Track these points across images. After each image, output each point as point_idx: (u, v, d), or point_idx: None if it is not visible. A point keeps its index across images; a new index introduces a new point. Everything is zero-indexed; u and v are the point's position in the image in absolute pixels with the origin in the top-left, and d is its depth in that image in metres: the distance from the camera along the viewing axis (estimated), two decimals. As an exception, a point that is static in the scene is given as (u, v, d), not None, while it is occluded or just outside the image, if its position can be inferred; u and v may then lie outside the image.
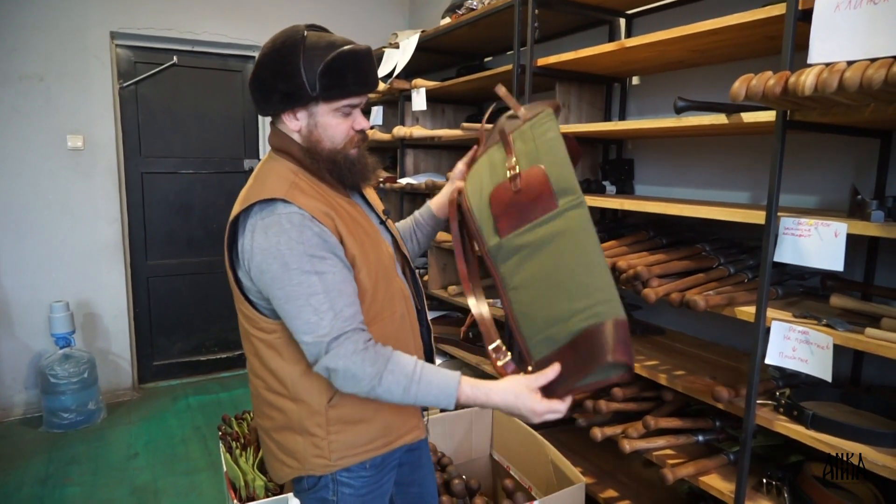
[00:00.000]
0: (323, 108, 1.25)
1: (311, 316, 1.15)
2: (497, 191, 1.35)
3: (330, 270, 1.18)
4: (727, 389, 1.65)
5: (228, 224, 1.25)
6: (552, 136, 1.33)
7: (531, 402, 1.19)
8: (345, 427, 1.29)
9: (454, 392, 1.20)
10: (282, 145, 1.30)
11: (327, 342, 1.16)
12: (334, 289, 1.17)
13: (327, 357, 1.16)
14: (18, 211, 3.63)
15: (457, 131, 3.02)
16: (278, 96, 1.22)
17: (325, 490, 1.32)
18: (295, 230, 1.17)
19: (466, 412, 2.34)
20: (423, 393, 1.19)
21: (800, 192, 2.00)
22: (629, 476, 2.28)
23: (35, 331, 3.74)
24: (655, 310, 2.51)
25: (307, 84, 1.19)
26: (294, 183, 1.24)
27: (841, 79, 1.18)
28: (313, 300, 1.15)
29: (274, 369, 1.29)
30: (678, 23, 1.82)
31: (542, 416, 1.20)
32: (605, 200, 2.15)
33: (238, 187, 1.29)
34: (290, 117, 1.27)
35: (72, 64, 3.66)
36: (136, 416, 3.77)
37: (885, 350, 1.31)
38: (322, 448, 1.28)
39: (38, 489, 2.89)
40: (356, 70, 1.23)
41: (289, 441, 1.31)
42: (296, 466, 1.31)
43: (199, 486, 2.93)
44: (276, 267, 1.16)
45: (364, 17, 4.49)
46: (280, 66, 1.20)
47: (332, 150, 1.28)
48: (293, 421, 1.29)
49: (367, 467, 1.33)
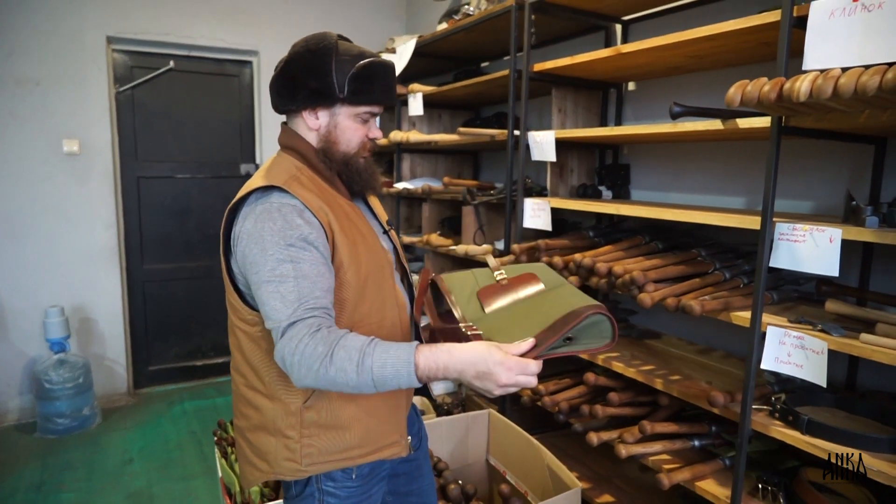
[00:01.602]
0: (345, 111, 1.30)
1: (277, 303, 1.14)
2: (485, 288, 1.39)
3: (306, 260, 1.17)
4: (723, 394, 1.65)
5: (226, 212, 1.27)
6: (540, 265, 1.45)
7: (502, 356, 1.08)
8: (319, 431, 1.27)
9: (411, 357, 1.08)
10: (290, 142, 1.34)
11: (284, 327, 1.13)
12: (306, 279, 1.15)
13: (280, 342, 1.13)
14: (14, 215, 3.62)
15: (454, 136, 3.02)
16: (307, 92, 1.27)
17: (311, 499, 1.31)
18: (282, 218, 1.18)
19: (463, 417, 2.33)
20: (379, 365, 1.08)
21: (795, 197, 2.01)
22: (625, 481, 2.28)
23: (30, 336, 3.73)
24: (651, 315, 2.51)
25: (336, 85, 1.25)
26: (294, 176, 1.26)
27: (835, 85, 1.19)
28: (282, 287, 1.14)
29: (254, 364, 1.29)
30: (674, 29, 1.83)
31: (514, 374, 1.07)
32: (601, 205, 2.15)
33: (234, 192, 1.29)
34: (310, 115, 1.30)
35: (68, 68, 3.66)
36: (131, 421, 3.75)
37: (879, 355, 1.32)
38: (294, 451, 1.27)
39: (32, 495, 2.87)
40: (383, 81, 1.30)
41: (261, 441, 1.30)
42: (265, 469, 1.30)
43: (195, 492, 2.92)
44: (256, 251, 1.17)
45: (361, 22, 4.50)
46: (313, 64, 1.25)
47: (346, 153, 1.32)
48: (268, 420, 1.29)
49: (353, 477, 1.32)
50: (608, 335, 1.20)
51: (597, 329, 1.20)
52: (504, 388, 1.08)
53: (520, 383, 1.08)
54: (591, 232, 2.36)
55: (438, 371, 1.09)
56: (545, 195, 2.57)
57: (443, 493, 2.07)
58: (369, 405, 1.31)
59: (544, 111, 3.09)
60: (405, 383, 1.09)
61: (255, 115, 4.36)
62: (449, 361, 1.10)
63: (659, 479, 1.74)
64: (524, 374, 1.08)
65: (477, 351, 1.09)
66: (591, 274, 2.02)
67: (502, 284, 1.36)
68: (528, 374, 1.09)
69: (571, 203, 2.30)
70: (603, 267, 1.94)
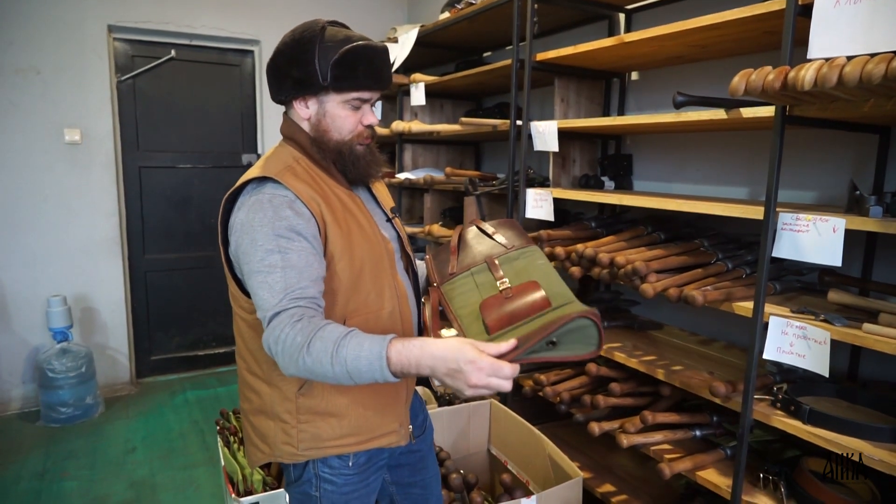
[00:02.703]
0: (333, 99, 1.28)
1: (265, 292, 1.14)
2: (488, 300, 1.33)
3: (295, 250, 1.17)
4: (724, 384, 1.65)
5: (223, 201, 1.27)
6: (542, 263, 1.37)
7: (474, 354, 1.01)
8: (314, 418, 1.29)
9: (383, 351, 1.05)
10: (289, 132, 1.34)
11: (269, 316, 1.13)
12: (293, 269, 1.15)
13: (266, 332, 1.13)
14: (15, 205, 3.62)
15: (456, 126, 3.01)
16: (290, 82, 1.27)
17: (308, 485, 1.33)
18: (272, 210, 1.18)
19: (464, 407, 2.34)
20: (353, 357, 1.05)
21: (798, 187, 2.00)
22: (627, 471, 2.29)
23: (32, 325, 3.74)
24: (653, 305, 2.51)
25: (319, 73, 1.23)
26: (290, 166, 1.26)
27: (840, 74, 1.18)
28: (270, 278, 1.15)
29: (253, 350, 1.32)
30: (677, 18, 1.82)
31: (485, 376, 1.00)
32: (604, 196, 2.15)
33: (236, 182, 1.29)
34: (300, 105, 1.30)
35: (69, 57, 3.65)
36: (133, 410, 3.77)
37: (882, 345, 1.31)
38: (291, 436, 1.29)
39: (35, 483, 2.89)
40: (368, 65, 1.26)
41: (262, 425, 1.33)
42: (266, 451, 1.33)
43: (197, 481, 2.93)
44: (247, 242, 1.18)
45: (363, 12, 4.48)
46: (295, 54, 1.24)
47: (339, 141, 1.30)
48: (267, 405, 1.31)
49: (349, 465, 1.33)
50: (594, 343, 1.13)
51: (582, 334, 1.13)
52: (475, 388, 1.02)
53: (491, 385, 1.01)
54: (593, 222, 2.36)
55: (411, 366, 1.05)
56: (547, 185, 2.56)
57: (444, 483, 2.08)
58: (366, 393, 1.31)
59: (547, 101, 3.08)
60: (380, 377, 1.06)
61: (256, 104, 4.35)
62: (421, 357, 1.04)
63: (660, 469, 1.75)
64: (496, 377, 1.01)
65: (449, 347, 1.04)
66: (593, 264, 2.02)
67: (507, 296, 1.33)
68: (502, 376, 1.01)
69: (574, 193, 2.29)
70: (605, 257, 1.94)
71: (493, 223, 1.54)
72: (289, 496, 1.40)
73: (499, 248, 1.45)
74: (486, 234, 1.49)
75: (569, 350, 1.12)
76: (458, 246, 1.50)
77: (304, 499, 1.34)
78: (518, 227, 1.51)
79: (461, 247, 1.50)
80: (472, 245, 1.50)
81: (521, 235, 1.47)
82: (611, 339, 2.20)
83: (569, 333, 1.12)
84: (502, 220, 1.55)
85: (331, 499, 1.33)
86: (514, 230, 1.50)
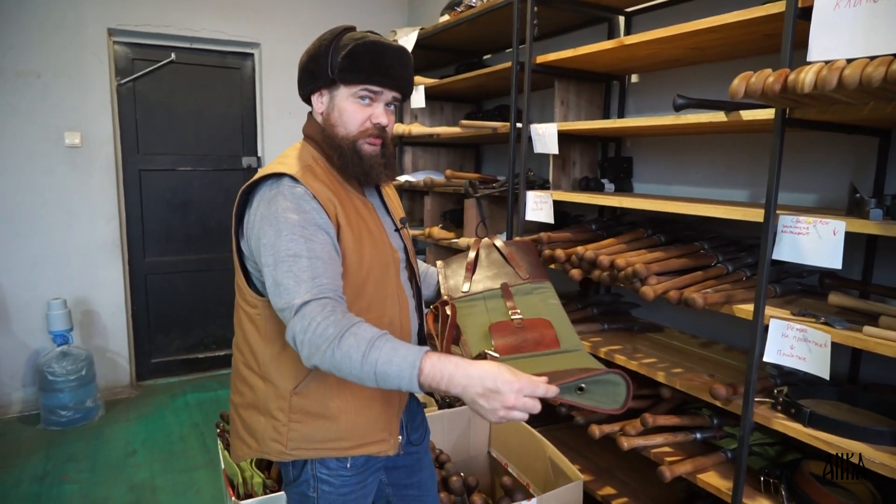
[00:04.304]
0: (342, 92, 1.30)
1: (290, 282, 1.14)
2: (499, 324, 1.36)
3: (319, 241, 1.18)
4: (725, 387, 1.65)
5: (240, 194, 1.28)
6: (554, 303, 1.43)
7: (512, 376, 1.03)
8: (305, 418, 1.29)
9: (417, 361, 1.05)
10: (308, 130, 1.38)
11: (297, 305, 1.12)
12: (319, 259, 1.17)
13: (293, 321, 1.12)
14: (16, 208, 3.62)
15: (456, 129, 3.01)
16: (307, 76, 1.32)
17: (306, 486, 1.33)
18: (294, 203, 1.20)
19: (464, 409, 2.34)
20: (385, 360, 1.06)
21: (798, 190, 2.00)
22: (627, 473, 2.29)
23: (33, 328, 3.73)
24: (654, 307, 2.51)
25: (329, 65, 1.27)
26: (309, 166, 1.28)
27: (840, 76, 1.18)
28: (295, 268, 1.15)
29: (252, 344, 1.32)
30: (677, 20, 1.82)
31: (521, 395, 1.02)
32: (604, 198, 2.15)
33: (236, 185, 1.30)
34: (317, 99, 1.34)
35: (69, 61, 3.65)
36: (133, 413, 3.76)
37: (882, 348, 1.31)
38: (281, 433, 1.29)
39: (35, 487, 2.89)
40: (376, 58, 1.27)
41: (252, 419, 1.33)
42: (254, 447, 1.33)
43: (197, 484, 2.93)
44: (271, 233, 1.19)
45: (363, 14, 4.48)
46: (315, 51, 1.30)
47: (344, 136, 1.31)
48: (259, 400, 1.32)
49: (347, 466, 1.33)
50: (619, 402, 1.15)
51: (612, 391, 1.15)
52: (508, 410, 1.03)
53: (527, 407, 1.03)
54: (593, 225, 2.36)
55: (442, 381, 1.05)
56: (547, 188, 2.56)
57: (445, 486, 2.08)
58: (360, 399, 1.31)
59: (546, 104, 3.08)
60: (406, 386, 1.06)
61: (256, 107, 4.34)
62: (454, 373, 1.05)
63: (661, 472, 1.75)
64: (531, 397, 1.03)
65: (487, 368, 1.05)
66: (593, 267, 2.02)
67: (518, 326, 1.32)
68: (536, 395, 1.04)
69: (574, 196, 2.29)
70: (605, 260, 1.94)
71: (510, 244, 1.55)
72: (286, 496, 1.40)
73: (514, 276, 1.47)
74: (503, 255, 1.51)
75: (593, 401, 1.14)
76: (475, 263, 1.53)
77: (301, 499, 1.35)
78: (534, 252, 1.53)
79: (476, 264, 1.53)
80: (487, 266, 1.52)
81: (537, 266, 1.50)
82: (611, 342, 2.20)
83: (599, 385, 1.14)
84: (521, 241, 1.56)
85: (328, 500, 1.33)
86: (531, 257, 1.52)
